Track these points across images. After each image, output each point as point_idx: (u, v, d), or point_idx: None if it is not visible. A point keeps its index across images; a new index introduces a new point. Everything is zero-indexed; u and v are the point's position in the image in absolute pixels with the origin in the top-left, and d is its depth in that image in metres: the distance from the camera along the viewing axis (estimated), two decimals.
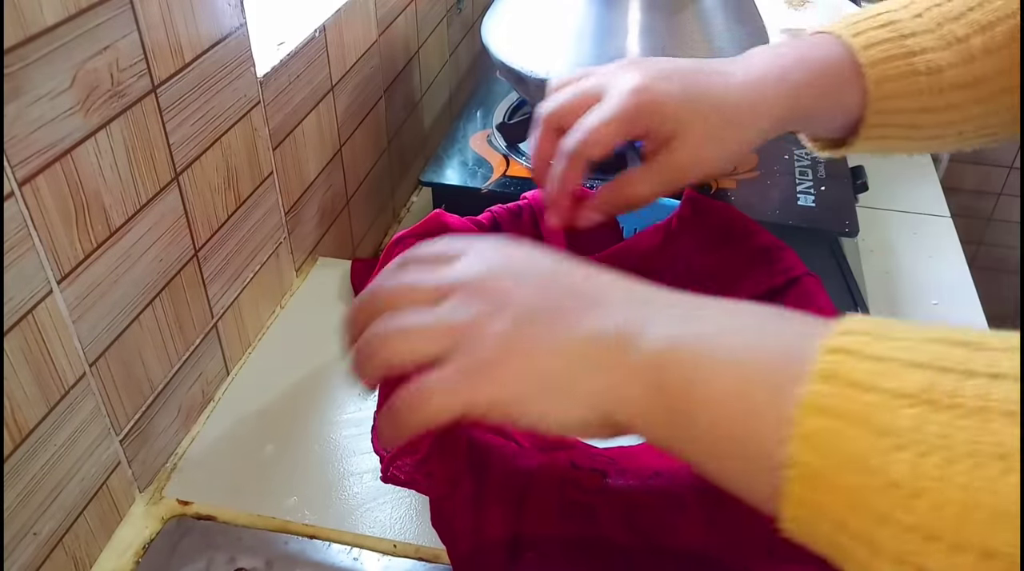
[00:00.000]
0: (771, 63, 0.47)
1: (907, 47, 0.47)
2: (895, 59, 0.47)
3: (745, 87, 0.46)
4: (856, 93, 0.47)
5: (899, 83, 0.47)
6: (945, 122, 0.48)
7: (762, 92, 0.46)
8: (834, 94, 0.47)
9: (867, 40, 0.47)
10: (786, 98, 0.46)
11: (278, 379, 0.61)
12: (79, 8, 0.41)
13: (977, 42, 0.47)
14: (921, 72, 0.47)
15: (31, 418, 0.42)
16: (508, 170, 0.79)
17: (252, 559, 0.52)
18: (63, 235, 0.42)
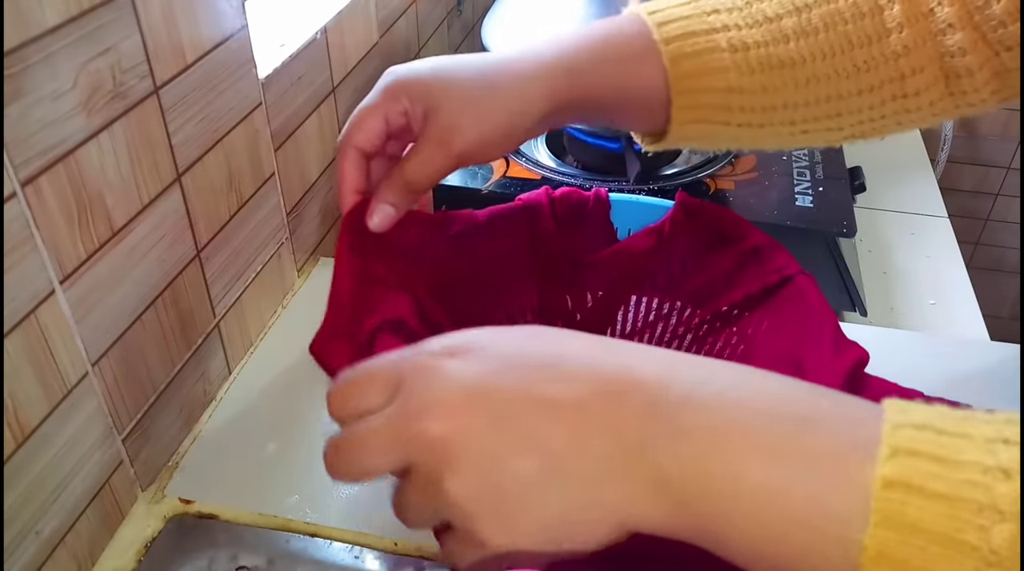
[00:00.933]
0: (551, 42, 0.45)
1: (708, 23, 0.44)
2: (694, 35, 0.44)
3: (513, 61, 0.44)
4: (655, 73, 0.44)
5: (699, 60, 0.44)
6: (765, 106, 0.45)
7: (533, 65, 0.44)
8: (627, 73, 0.45)
9: (665, 16, 0.44)
10: (564, 75, 0.44)
11: (280, 378, 0.61)
12: (81, 9, 0.41)
13: (789, 23, 0.44)
14: (723, 48, 0.44)
15: (33, 417, 0.42)
16: (508, 171, 0.79)
17: (254, 557, 0.52)
18: (65, 236, 0.42)
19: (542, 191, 0.55)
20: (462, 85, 0.43)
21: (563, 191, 0.56)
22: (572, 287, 0.59)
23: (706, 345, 0.57)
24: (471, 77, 0.43)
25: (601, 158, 0.82)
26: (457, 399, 0.29)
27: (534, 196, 0.55)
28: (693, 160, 0.84)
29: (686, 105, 0.45)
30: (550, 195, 0.55)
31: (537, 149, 0.85)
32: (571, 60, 0.44)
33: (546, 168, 0.81)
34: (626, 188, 0.77)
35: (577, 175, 0.80)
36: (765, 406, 0.27)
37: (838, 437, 0.26)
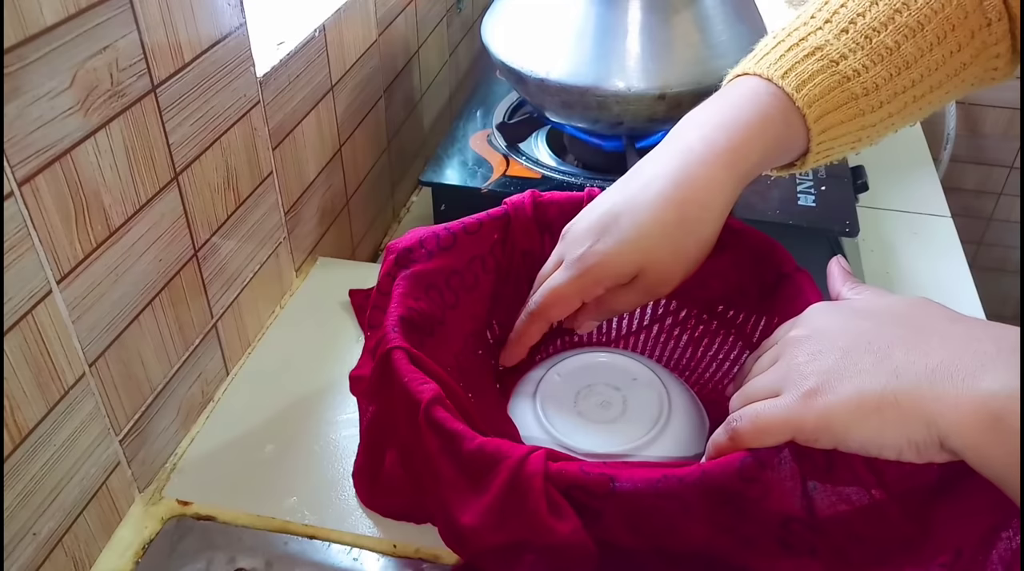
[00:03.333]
0: (699, 145, 0.47)
1: (840, 72, 0.46)
2: (831, 90, 0.46)
3: (676, 189, 0.46)
4: (798, 134, 0.47)
5: (839, 112, 0.47)
6: (887, 125, 0.49)
7: (715, 190, 0.46)
8: (778, 147, 0.48)
9: (799, 78, 0.46)
10: (730, 181, 0.46)
11: (278, 379, 0.61)
12: (78, 8, 0.41)
13: (909, 48, 0.47)
14: (859, 95, 0.47)
15: (30, 418, 0.42)
16: (508, 170, 0.79)
17: (252, 559, 0.52)
18: (63, 235, 0.42)
19: (527, 194, 0.55)
20: (658, 252, 0.47)
21: (552, 193, 0.56)
22: None
23: (702, 346, 0.57)
24: (662, 237, 0.46)
25: (602, 157, 0.82)
26: None
27: (518, 198, 0.55)
28: None
29: (824, 150, 0.49)
30: (535, 198, 0.55)
31: (537, 148, 0.85)
32: (741, 175, 0.47)
33: (546, 167, 0.80)
34: None
35: (578, 174, 0.80)
36: None
37: None
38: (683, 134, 0.48)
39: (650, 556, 0.42)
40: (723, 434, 0.40)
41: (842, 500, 0.43)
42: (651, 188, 0.47)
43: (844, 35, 0.47)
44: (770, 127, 0.47)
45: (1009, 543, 0.42)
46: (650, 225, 0.46)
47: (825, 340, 0.40)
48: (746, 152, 0.46)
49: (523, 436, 0.52)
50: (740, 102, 0.47)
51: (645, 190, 0.47)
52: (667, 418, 0.52)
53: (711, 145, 0.46)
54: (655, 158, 0.48)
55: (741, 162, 0.46)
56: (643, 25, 0.71)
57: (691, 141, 0.47)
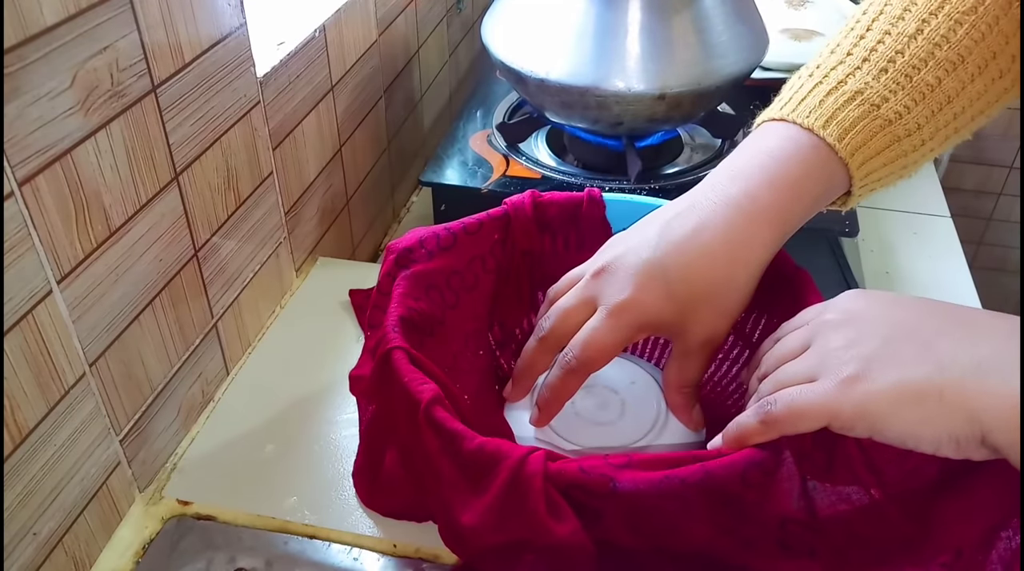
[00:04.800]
0: (748, 201, 0.45)
1: (882, 117, 0.45)
2: (874, 135, 0.45)
3: (727, 244, 0.45)
4: (841, 182, 0.46)
5: (882, 156, 0.46)
6: (928, 157, 0.48)
7: (745, 241, 0.45)
8: (822, 199, 0.47)
9: (840, 127, 0.45)
10: (773, 240, 0.46)
11: (278, 379, 0.61)
12: (79, 8, 0.41)
13: (950, 83, 0.46)
14: (901, 137, 0.46)
15: (31, 418, 0.42)
16: (508, 170, 0.79)
17: (252, 559, 0.52)
18: (63, 235, 0.42)
19: (527, 194, 0.55)
20: (701, 307, 0.45)
21: (552, 193, 0.56)
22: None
23: None
24: (705, 292, 0.45)
25: (602, 157, 0.82)
26: None
27: (518, 198, 0.55)
28: (694, 159, 0.83)
29: (865, 191, 0.48)
30: (535, 198, 0.55)
31: (537, 148, 0.85)
32: (787, 227, 0.46)
33: (546, 167, 0.81)
34: (627, 187, 0.77)
35: (578, 174, 0.80)
36: None
37: None
38: (724, 185, 0.46)
39: (650, 556, 0.42)
40: (753, 418, 0.39)
41: (842, 500, 0.43)
42: (699, 240, 0.45)
43: (884, 75, 0.45)
44: (815, 182, 0.45)
45: (1009, 543, 0.42)
46: (699, 280, 0.45)
47: (864, 326, 0.39)
48: (791, 209, 0.45)
49: (521, 437, 0.52)
50: (782, 156, 0.45)
51: (692, 241, 0.45)
52: (664, 421, 0.52)
53: (756, 202, 0.45)
54: (696, 206, 0.46)
55: (786, 220, 0.45)
56: (643, 25, 0.71)
57: (735, 195, 0.45)
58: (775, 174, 0.45)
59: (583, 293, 0.47)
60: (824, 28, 1.02)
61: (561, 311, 0.48)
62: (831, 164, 0.45)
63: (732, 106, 0.89)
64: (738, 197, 0.45)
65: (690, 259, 0.45)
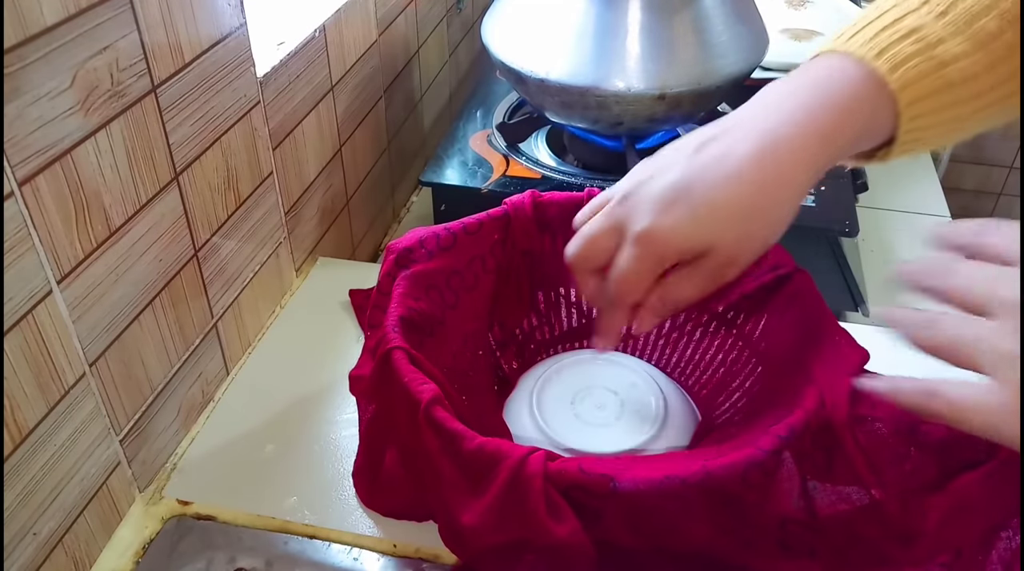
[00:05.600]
0: (787, 127, 0.43)
1: (937, 58, 0.43)
2: (926, 75, 0.43)
3: (759, 170, 0.42)
4: (887, 119, 0.44)
5: (932, 100, 0.43)
6: (980, 119, 0.45)
7: (779, 169, 0.43)
8: (866, 132, 0.44)
9: (893, 59, 0.43)
10: (814, 167, 0.43)
11: (278, 379, 0.61)
12: (79, 8, 0.41)
13: (1012, 37, 0.43)
14: (956, 83, 0.43)
15: (31, 418, 0.42)
16: (508, 170, 0.79)
17: (252, 559, 0.52)
18: (63, 235, 0.42)
19: (527, 194, 0.56)
20: (727, 230, 0.43)
21: (552, 193, 0.56)
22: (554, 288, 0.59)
23: (702, 347, 0.57)
24: (732, 214, 0.43)
25: (602, 156, 0.82)
26: None
27: (518, 198, 0.55)
28: None
29: (912, 139, 0.45)
30: (535, 198, 0.55)
31: (537, 148, 0.85)
32: (822, 156, 0.43)
33: (546, 167, 0.81)
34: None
35: (578, 174, 0.80)
36: None
37: None
38: (762, 109, 0.44)
39: (650, 556, 0.42)
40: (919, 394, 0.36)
41: (842, 500, 0.43)
42: (727, 163, 0.43)
43: (943, 18, 0.43)
44: (860, 111, 0.43)
45: (1009, 543, 0.42)
46: (724, 204, 0.43)
47: None
48: (834, 137, 0.43)
49: (520, 437, 0.52)
50: (829, 83, 0.43)
51: (721, 163, 0.43)
52: (662, 423, 0.52)
53: (798, 128, 0.43)
54: (731, 130, 0.44)
55: (828, 148, 0.43)
56: (643, 25, 0.71)
57: (773, 120, 0.43)
58: (819, 101, 0.43)
59: (608, 219, 0.46)
60: (824, 28, 1.02)
61: (587, 237, 0.46)
62: (880, 97, 0.43)
63: (732, 106, 0.89)
64: (776, 123, 0.43)
65: (717, 181, 0.43)
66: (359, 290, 0.68)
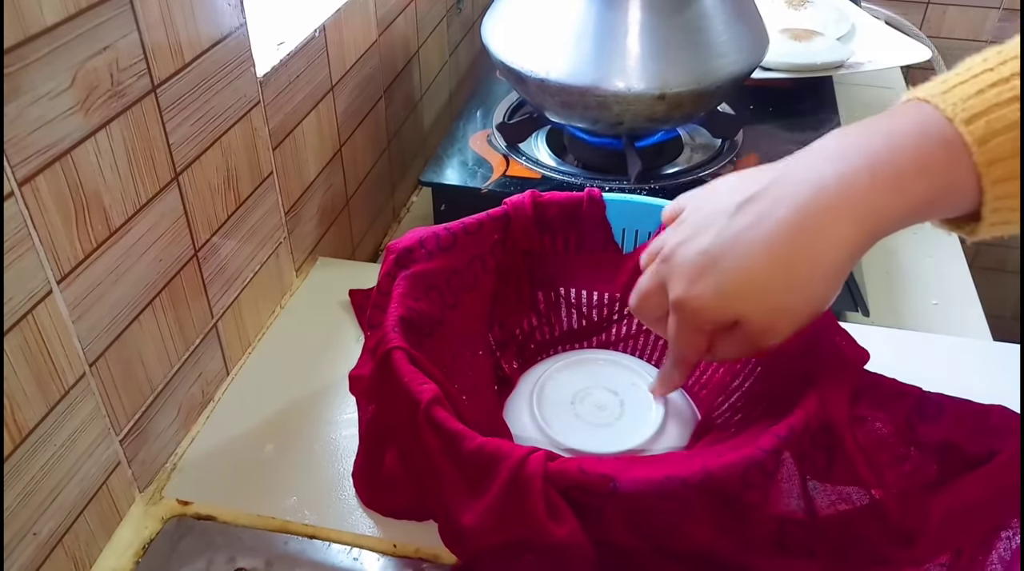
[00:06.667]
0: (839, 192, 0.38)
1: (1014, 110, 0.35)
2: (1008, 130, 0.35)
3: (790, 243, 0.38)
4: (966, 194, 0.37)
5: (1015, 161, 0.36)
6: None
7: (815, 244, 0.38)
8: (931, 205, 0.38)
9: (989, 129, 0.36)
10: (859, 240, 0.38)
11: (278, 379, 0.61)
12: (79, 8, 0.41)
13: None
14: None
15: (31, 418, 0.42)
16: (508, 170, 0.79)
17: (252, 559, 0.52)
18: (63, 235, 0.42)
19: (527, 194, 0.56)
20: (765, 300, 0.40)
21: (552, 193, 0.56)
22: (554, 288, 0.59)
23: None
24: (769, 289, 0.40)
25: (602, 157, 0.82)
26: None
27: (518, 198, 0.55)
28: (695, 159, 0.83)
29: (998, 217, 0.38)
30: (535, 198, 0.55)
31: (537, 148, 0.85)
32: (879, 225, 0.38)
33: (546, 167, 0.81)
34: (627, 187, 0.77)
35: (578, 174, 0.80)
36: None
37: None
38: (820, 160, 0.39)
39: (650, 556, 0.42)
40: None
41: (842, 500, 0.43)
42: (761, 230, 0.39)
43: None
44: (929, 184, 0.37)
45: (1009, 543, 0.42)
46: (749, 279, 0.40)
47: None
48: (887, 205, 0.37)
49: (520, 437, 0.52)
50: (901, 141, 0.37)
51: (754, 230, 0.39)
52: (662, 423, 0.52)
53: (845, 188, 0.37)
54: (780, 184, 0.40)
55: (877, 218, 0.38)
56: (643, 25, 0.71)
57: (825, 175, 0.38)
58: (882, 159, 0.37)
59: (654, 278, 0.45)
60: (824, 28, 1.02)
61: (640, 294, 0.47)
62: (959, 168, 0.36)
63: (732, 106, 0.89)
64: (827, 178, 0.38)
65: (746, 253, 0.40)
66: (359, 290, 0.68)
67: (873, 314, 0.74)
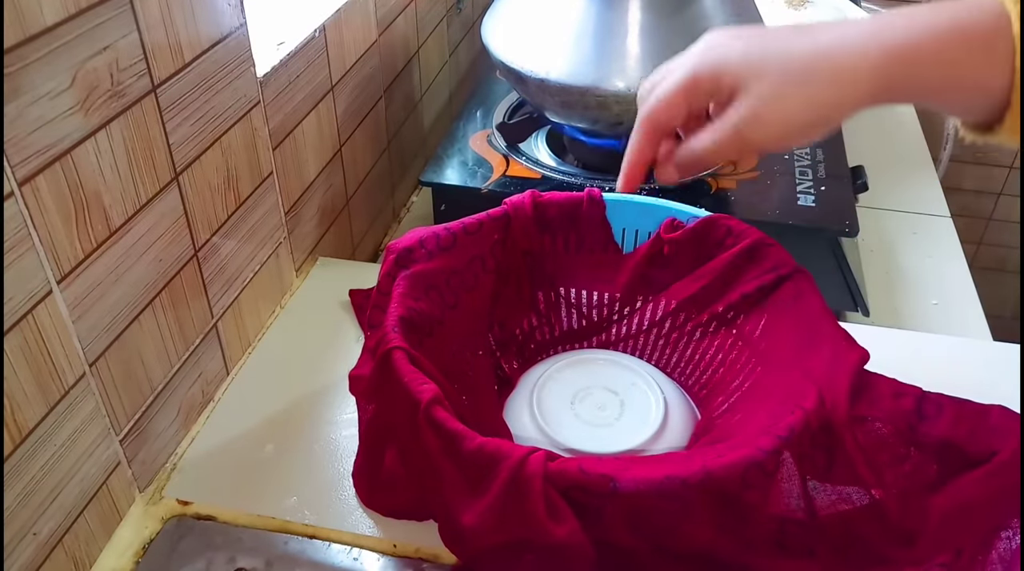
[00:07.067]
0: (880, 26, 0.41)
1: None
2: None
3: (833, 49, 0.41)
4: (1002, 67, 0.38)
5: None
6: None
7: (857, 57, 0.40)
8: (969, 65, 0.39)
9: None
10: (894, 68, 0.40)
11: (278, 379, 0.61)
12: (79, 8, 0.41)
13: None
14: None
15: (31, 418, 0.42)
16: (508, 170, 0.79)
17: (252, 559, 0.52)
18: (63, 235, 0.42)
19: (527, 194, 0.56)
20: (774, 76, 0.42)
21: (552, 193, 0.56)
22: (554, 288, 0.59)
23: (702, 347, 0.57)
24: (784, 67, 0.42)
25: (602, 157, 0.82)
26: None
27: (518, 198, 0.55)
28: None
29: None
30: (535, 198, 0.55)
31: (537, 148, 0.85)
32: (905, 50, 0.40)
33: (546, 167, 0.81)
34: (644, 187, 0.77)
35: (578, 174, 0.80)
36: None
37: None
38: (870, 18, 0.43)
39: (650, 556, 0.42)
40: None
41: (842, 500, 0.43)
42: (792, 38, 0.42)
43: None
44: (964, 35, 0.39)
45: (1009, 543, 0.42)
46: (768, 51, 0.42)
47: None
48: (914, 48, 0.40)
49: (520, 437, 0.52)
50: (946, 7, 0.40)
51: (781, 34, 0.43)
52: (662, 422, 0.52)
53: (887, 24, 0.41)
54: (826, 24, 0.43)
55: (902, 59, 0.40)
56: (643, 25, 0.71)
57: (867, 21, 0.42)
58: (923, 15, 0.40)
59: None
60: None
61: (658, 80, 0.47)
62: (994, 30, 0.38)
63: None
64: (869, 23, 0.41)
65: (786, 40, 0.42)
66: (359, 290, 0.68)
67: (873, 314, 0.74)
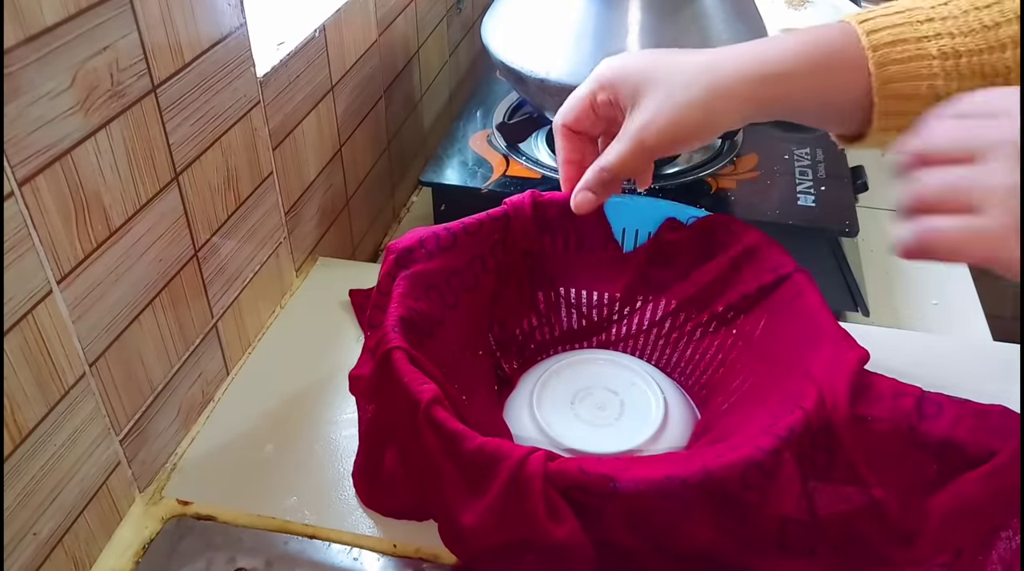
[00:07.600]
0: (755, 46, 0.47)
1: (920, 31, 0.44)
2: (904, 42, 0.44)
3: (716, 62, 0.46)
4: (860, 80, 0.45)
5: (907, 66, 0.44)
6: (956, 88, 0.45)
7: (735, 67, 0.46)
8: (831, 79, 0.46)
9: (875, 24, 0.45)
10: (768, 79, 0.46)
11: (278, 379, 0.61)
12: (79, 8, 0.41)
13: (1008, 31, 0.43)
14: (933, 56, 0.44)
15: (31, 418, 0.42)
16: (508, 170, 0.79)
17: (252, 559, 0.52)
18: (63, 235, 0.42)
19: (527, 194, 0.56)
20: (665, 83, 0.47)
21: (552, 193, 0.56)
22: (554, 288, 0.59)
23: (702, 347, 0.57)
24: (675, 76, 0.47)
25: None
26: None
27: (518, 198, 0.55)
28: (694, 159, 0.83)
29: (890, 111, 0.45)
30: (535, 198, 0.55)
31: (537, 148, 0.85)
32: (776, 65, 0.46)
33: (546, 167, 0.80)
34: (627, 187, 0.77)
35: None
36: None
37: None
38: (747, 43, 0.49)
39: (650, 556, 0.42)
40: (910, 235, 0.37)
41: (842, 500, 0.43)
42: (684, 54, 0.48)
43: (943, 6, 0.45)
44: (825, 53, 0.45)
45: (1009, 543, 0.42)
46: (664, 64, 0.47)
47: None
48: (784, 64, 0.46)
49: (520, 437, 0.52)
50: (807, 33, 0.47)
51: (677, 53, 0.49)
52: (662, 422, 0.52)
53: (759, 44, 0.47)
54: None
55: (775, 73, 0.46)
56: (643, 25, 0.71)
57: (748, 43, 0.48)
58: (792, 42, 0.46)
59: None
60: None
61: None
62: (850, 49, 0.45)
63: None
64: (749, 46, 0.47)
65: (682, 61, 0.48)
66: (359, 290, 0.68)
67: (873, 314, 0.74)
